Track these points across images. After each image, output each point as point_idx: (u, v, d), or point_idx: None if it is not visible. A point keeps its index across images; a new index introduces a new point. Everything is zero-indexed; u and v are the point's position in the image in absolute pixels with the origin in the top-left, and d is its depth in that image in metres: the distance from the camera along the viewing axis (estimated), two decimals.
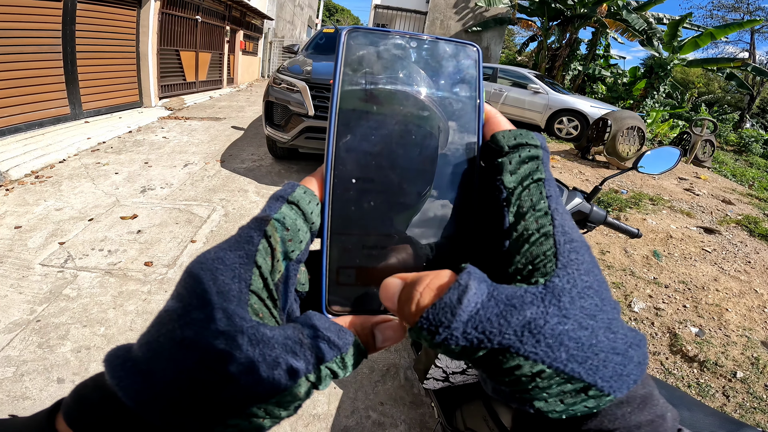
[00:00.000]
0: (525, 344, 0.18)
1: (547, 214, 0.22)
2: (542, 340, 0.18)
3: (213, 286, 0.20)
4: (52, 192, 3.63)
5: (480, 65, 0.27)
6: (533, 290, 0.19)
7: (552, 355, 0.18)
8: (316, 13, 27.34)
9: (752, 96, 17.88)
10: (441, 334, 0.18)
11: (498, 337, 0.18)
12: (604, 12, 11.73)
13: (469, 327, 0.18)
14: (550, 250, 0.20)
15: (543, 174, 0.23)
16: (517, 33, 29.02)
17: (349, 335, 0.22)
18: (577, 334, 0.18)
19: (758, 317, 2.86)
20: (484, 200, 0.25)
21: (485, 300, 0.18)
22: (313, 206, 0.24)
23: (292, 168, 4.94)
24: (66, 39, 5.42)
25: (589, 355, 0.18)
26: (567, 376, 0.18)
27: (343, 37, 0.25)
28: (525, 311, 0.18)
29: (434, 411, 1.61)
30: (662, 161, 1.35)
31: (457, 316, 0.18)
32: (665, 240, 3.98)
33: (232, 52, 12.12)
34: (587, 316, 0.19)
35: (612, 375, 0.18)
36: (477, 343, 0.18)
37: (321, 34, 5.90)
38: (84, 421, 0.20)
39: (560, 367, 0.18)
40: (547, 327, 0.18)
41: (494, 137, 0.25)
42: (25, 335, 2.04)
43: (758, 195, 6.47)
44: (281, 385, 0.19)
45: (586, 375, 0.18)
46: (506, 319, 0.18)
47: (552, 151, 7.61)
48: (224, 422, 0.19)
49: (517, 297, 0.19)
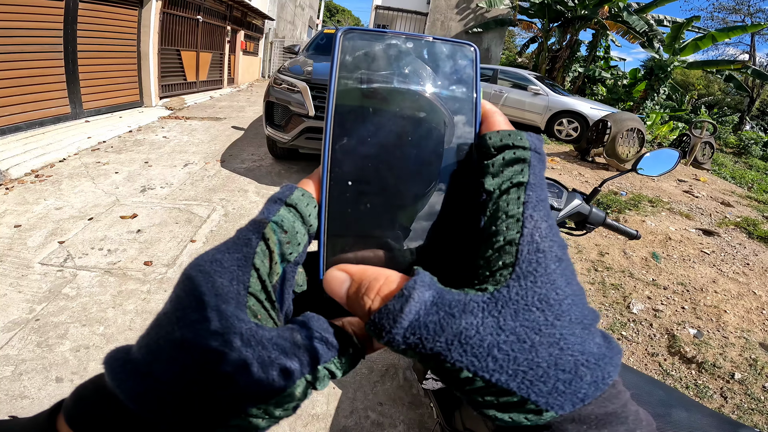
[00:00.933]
0: (452, 352, 0.18)
1: (518, 221, 0.21)
2: (469, 350, 0.18)
3: (211, 288, 0.20)
4: (52, 191, 3.63)
5: (477, 65, 0.27)
6: (478, 298, 0.19)
7: (477, 365, 0.18)
8: (317, 13, 27.34)
9: (752, 98, 17.91)
10: (384, 337, 0.19)
11: (430, 344, 0.19)
12: (605, 14, 11.74)
13: (408, 333, 0.19)
14: (509, 258, 0.20)
15: (525, 177, 0.22)
16: (517, 34, 29.07)
17: (346, 335, 0.22)
18: (510, 347, 0.18)
19: (756, 319, 2.87)
20: (470, 202, 0.25)
21: (428, 307, 0.19)
22: (310, 208, 0.24)
23: (292, 168, 4.95)
24: (67, 38, 5.42)
25: (523, 369, 0.18)
26: (497, 387, 0.18)
27: (338, 38, 0.25)
28: (461, 320, 0.19)
29: (433, 411, 1.61)
30: (661, 163, 1.36)
31: (398, 323, 0.19)
32: (664, 242, 3.98)
33: (232, 52, 12.11)
34: (530, 330, 0.19)
35: (551, 391, 0.18)
36: (413, 347, 0.19)
37: (322, 34, 5.90)
38: (85, 422, 0.20)
39: (486, 376, 0.18)
40: (476, 337, 0.18)
41: (482, 138, 0.24)
42: (24, 334, 2.04)
43: (757, 197, 6.47)
44: (278, 386, 0.19)
45: (518, 388, 0.18)
46: (441, 328, 0.19)
47: (552, 152, 7.61)
48: (226, 423, 0.19)
49: (459, 305, 0.19)
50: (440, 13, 14.12)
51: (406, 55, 0.26)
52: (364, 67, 0.25)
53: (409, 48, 0.26)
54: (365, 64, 0.25)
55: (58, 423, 0.21)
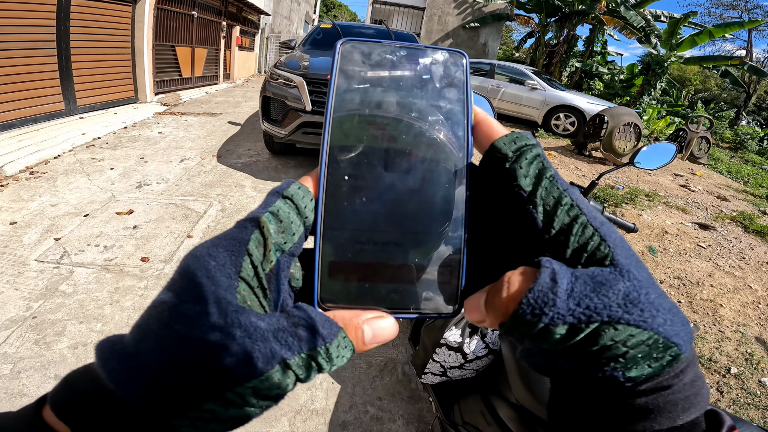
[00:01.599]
0: (632, 314, 0.19)
1: (573, 206, 0.23)
2: (645, 309, 0.19)
3: (204, 270, 0.20)
4: (47, 188, 3.61)
5: (468, 71, 0.29)
6: (607, 270, 0.20)
7: (655, 322, 0.19)
8: (313, 8, 27.19)
9: (748, 93, 17.95)
10: (547, 314, 0.19)
11: (605, 310, 0.19)
12: (602, 9, 11.73)
13: (572, 304, 0.19)
14: (594, 235, 0.22)
15: (552, 170, 0.24)
16: (514, 29, 28.93)
17: (335, 327, 0.22)
18: (660, 301, 0.20)
19: (752, 313, 2.89)
20: (499, 208, 0.26)
21: (573, 280, 0.19)
22: (307, 201, 0.24)
23: (289, 163, 4.93)
24: (60, 34, 5.36)
25: (671, 318, 0.19)
26: (663, 339, 0.19)
27: (338, 47, 0.28)
28: (618, 285, 0.19)
29: (432, 406, 1.62)
30: (659, 157, 1.36)
31: (558, 294, 0.19)
32: (660, 235, 4.00)
33: (228, 47, 12.04)
34: (653, 285, 0.20)
35: (682, 334, 0.19)
36: (585, 319, 0.19)
37: (318, 29, 5.87)
38: (69, 407, 0.20)
39: (662, 332, 0.19)
40: (642, 297, 0.19)
41: (495, 146, 0.26)
42: (22, 332, 2.03)
43: (753, 191, 6.50)
44: (257, 368, 0.19)
45: (674, 336, 0.19)
46: (605, 294, 0.19)
47: (549, 147, 7.63)
48: (199, 406, 0.19)
49: (598, 276, 0.20)
50: (437, 8, 14.06)
51: (400, 63, 0.28)
52: (361, 75, 0.27)
53: (403, 56, 0.28)
54: (362, 71, 0.28)
55: (44, 412, 0.21)
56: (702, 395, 0.20)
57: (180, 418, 0.19)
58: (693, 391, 0.20)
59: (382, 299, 0.25)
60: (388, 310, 0.25)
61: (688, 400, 0.20)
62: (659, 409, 0.19)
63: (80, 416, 0.20)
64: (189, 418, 0.19)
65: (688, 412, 0.20)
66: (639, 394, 0.19)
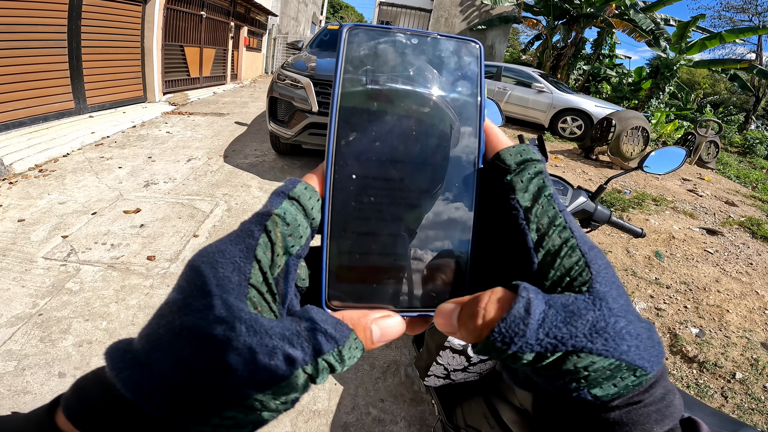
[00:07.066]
0: (595, 344, 0.20)
1: (566, 228, 0.23)
2: (609, 338, 0.20)
3: (213, 278, 0.20)
4: (56, 186, 3.65)
5: (482, 62, 0.27)
6: (582, 297, 0.21)
7: (619, 350, 0.20)
8: (320, 9, 27.26)
9: (758, 97, 17.73)
10: (516, 343, 0.20)
11: (571, 340, 0.20)
12: (612, 12, 11.66)
13: (541, 334, 0.20)
14: (580, 260, 0.22)
15: (551, 189, 0.25)
16: (522, 32, 28.84)
17: (346, 329, 0.22)
18: (628, 328, 0.20)
19: (759, 319, 2.86)
20: (494, 216, 0.26)
21: (546, 309, 0.20)
22: (313, 202, 0.24)
23: (295, 164, 4.95)
24: (71, 34, 5.42)
25: (638, 343, 0.20)
26: (626, 363, 0.20)
27: (344, 34, 0.25)
28: (587, 315, 0.20)
29: (435, 408, 1.61)
30: (668, 161, 1.35)
31: (529, 325, 0.20)
32: (667, 240, 3.97)
33: (236, 48, 12.10)
34: (627, 312, 0.21)
35: (650, 356, 0.20)
36: (551, 348, 0.20)
37: (325, 30, 5.89)
38: (84, 414, 0.20)
39: (625, 358, 0.20)
40: (609, 327, 0.20)
41: (500, 156, 0.26)
42: (27, 329, 2.05)
43: (762, 197, 6.43)
44: (278, 374, 0.19)
45: (638, 360, 0.20)
46: (573, 325, 0.20)
47: (556, 150, 7.59)
48: (220, 414, 0.19)
49: (571, 304, 0.20)
50: (444, 10, 14.04)
51: (411, 52, 0.26)
52: (369, 64, 0.25)
53: (414, 45, 0.26)
54: (370, 60, 0.26)
55: (57, 417, 0.21)
56: (674, 406, 0.21)
57: (202, 425, 0.19)
58: (664, 404, 0.21)
59: (388, 298, 0.25)
60: (395, 309, 0.25)
61: (660, 412, 0.21)
62: (633, 422, 0.20)
63: (97, 425, 0.19)
64: (210, 426, 0.19)
65: (662, 423, 0.21)
66: (611, 409, 0.20)
